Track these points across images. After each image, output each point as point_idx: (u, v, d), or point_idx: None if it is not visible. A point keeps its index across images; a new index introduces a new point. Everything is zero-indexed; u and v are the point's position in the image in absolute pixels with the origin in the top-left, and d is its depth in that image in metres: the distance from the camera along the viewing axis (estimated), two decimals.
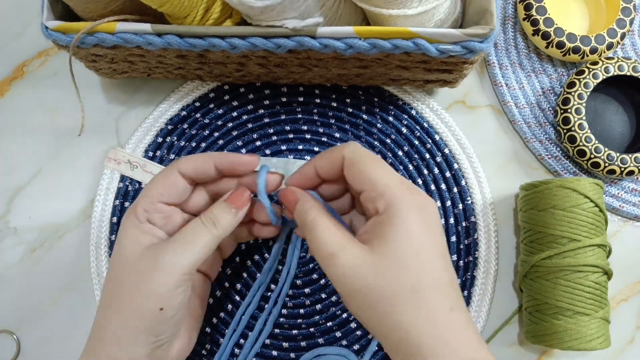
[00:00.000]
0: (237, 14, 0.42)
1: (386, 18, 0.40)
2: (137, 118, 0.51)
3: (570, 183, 0.44)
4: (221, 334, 0.47)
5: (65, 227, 0.50)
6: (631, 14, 0.49)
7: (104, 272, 0.48)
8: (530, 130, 0.51)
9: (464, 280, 0.48)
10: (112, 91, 0.52)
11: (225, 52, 0.41)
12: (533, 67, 0.52)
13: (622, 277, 0.49)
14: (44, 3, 0.41)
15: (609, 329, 0.44)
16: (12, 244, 0.50)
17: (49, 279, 0.49)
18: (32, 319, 0.49)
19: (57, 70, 0.53)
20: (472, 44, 0.39)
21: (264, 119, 0.51)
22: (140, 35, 0.40)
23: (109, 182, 0.50)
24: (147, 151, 0.50)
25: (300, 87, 0.51)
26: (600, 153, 0.48)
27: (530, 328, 0.45)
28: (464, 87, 0.52)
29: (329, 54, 0.41)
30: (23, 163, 0.51)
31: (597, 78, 0.48)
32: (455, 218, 0.49)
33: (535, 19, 0.49)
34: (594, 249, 0.43)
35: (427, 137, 0.50)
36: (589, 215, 0.43)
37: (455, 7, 0.42)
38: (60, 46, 0.42)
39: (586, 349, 0.42)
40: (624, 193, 0.50)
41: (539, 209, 0.45)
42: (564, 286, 0.43)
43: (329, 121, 0.51)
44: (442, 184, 0.49)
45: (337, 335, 0.47)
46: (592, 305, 0.43)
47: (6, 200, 0.50)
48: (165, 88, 0.51)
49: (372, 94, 0.51)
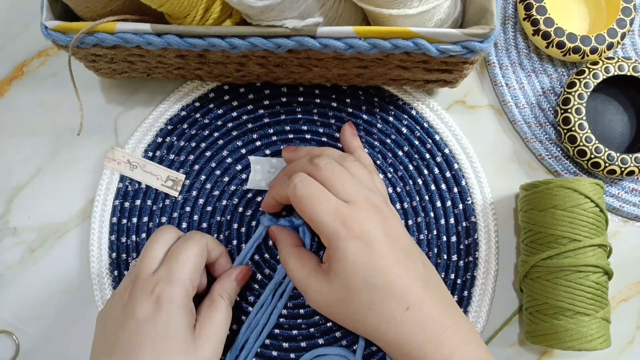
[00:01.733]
0: (237, 13, 0.42)
1: (386, 18, 0.40)
2: (137, 118, 0.51)
3: (570, 183, 0.44)
4: None
5: (65, 227, 0.50)
6: (631, 13, 0.49)
7: (104, 272, 0.48)
8: (530, 130, 0.51)
9: (464, 280, 0.48)
10: (111, 91, 0.52)
11: (225, 52, 0.41)
12: (533, 67, 0.52)
13: (622, 277, 0.49)
14: (44, 3, 0.41)
15: (609, 329, 0.44)
16: (11, 244, 0.50)
17: (48, 279, 0.49)
18: (32, 319, 0.48)
19: (57, 70, 0.53)
20: (472, 44, 0.39)
21: (264, 119, 0.51)
22: (140, 35, 0.40)
23: (108, 182, 0.50)
24: (146, 151, 0.50)
25: (300, 87, 0.51)
26: (600, 153, 0.48)
27: (530, 328, 0.45)
28: (464, 87, 0.52)
29: (329, 54, 0.41)
30: (22, 163, 0.51)
31: (598, 78, 0.48)
32: (455, 218, 0.49)
33: (536, 19, 0.49)
34: (595, 249, 0.43)
35: (427, 137, 0.50)
36: (589, 216, 0.43)
37: (455, 7, 0.42)
38: (60, 46, 0.42)
39: (587, 349, 0.42)
40: (624, 193, 0.50)
41: (540, 209, 0.45)
42: (564, 286, 0.43)
43: (329, 121, 0.50)
44: (442, 184, 0.49)
45: (337, 335, 0.47)
46: (592, 306, 0.43)
47: (6, 200, 0.50)
48: (165, 88, 0.51)
49: (372, 94, 0.51)
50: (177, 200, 0.49)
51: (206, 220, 0.49)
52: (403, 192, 0.49)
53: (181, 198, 0.49)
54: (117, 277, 0.48)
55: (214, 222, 0.49)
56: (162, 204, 0.49)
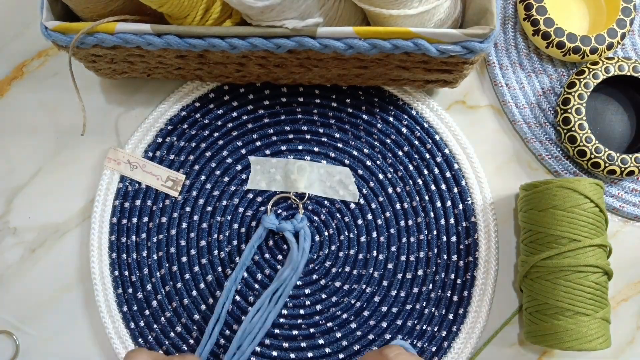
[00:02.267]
0: (237, 14, 0.42)
1: (386, 18, 0.40)
2: (137, 118, 0.51)
3: (570, 183, 0.44)
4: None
5: (65, 227, 0.50)
6: (631, 14, 0.49)
7: (104, 272, 0.48)
8: (530, 130, 0.51)
9: (464, 280, 0.48)
10: (111, 91, 0.52)
11: (225, 52, 0.41)
12: (533, 67, 0.52)
13: (622, 277, 0.49)
14: (44, 3, 0.41)
15: (609, 329, 0.44)
16: (11, 243, 0.50)
17: (48, 279, 0.49)
18: (32, 319, 0.49)
19: (57, 70, 0.52)
20: (472, 44, 0.39)
21: (264, 119, 0.51)
22: (140, 35, 0.40)
23: (108, 182, 0.50)
24: (146, 151, 0.50)
25: (300, 87, 0.51)
26: (600, 153, 0.48)
27: (530, 328, 0.45)
28: (464, 87, 0.52)
29: (329, 54, 0.41)
30: (23, 163, 0.51)
31: (598, 78, 0.48)
32: (455, 218, 0.49)
33: (536, 19, 0.49)
34: (594, 249, 0.43)
35: (427, 137, 0.50)
36: (589, 216, 0.43)
37: (455, 7, 0.42)
38: (60, 46, 0.42)
39: (587, 349, 0.42)
40: (624, 193, 0.50)
41: (539, 209, 0.45)
42: (564, 286, 0.43)
43: (329, 121, 0.50)
44: (442, 184, 0.49)
45: (337, 335, 0.47)
46: (592, 306, 0.43)
47: (6, 200, 0.50)
48: (165, 88, 0.51)
49: (372, 94, 0.51)
50: (177, 201, 0.49)
51: (206, 220, 0.49)
52: (403, 192, 0.49)
53: (181, 198, 0.49)
54: (117, 277, 0.48)
55: (214, 223, 0.49)
56: (162, 204, 0.49)
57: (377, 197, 0.49)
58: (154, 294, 0.48)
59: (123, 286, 0.48)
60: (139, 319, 0.48)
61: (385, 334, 0.47)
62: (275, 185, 0.49)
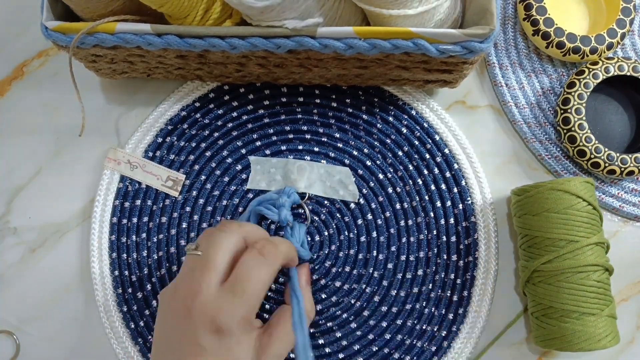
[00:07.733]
0: (237, 14, 0.42)
1: (386, 18, 0.40)
2: (137, 118, 0.51)
3: (561, 185, 0.43)
4: None
5: (65, 227, 0.50)
6: (631, 14, 0.49)
7: (104, 272, 0.48)
8: (530, 130, 0.51)
9: (464, 280, 0.48)
10: (112, 91, 0.52)
11: (225, 52, 0.41)
12: (533, 67, 0.52)
13: (622, 277, 0.49)
14: (44, 3, 0.41)
15: (616, 325, 0.44)
16: (12, 243, 0.50)
17: (48, 279, 0.49)
18: (32, 319, 0.49)
19: (57, 71, 0.53)
20: (472, 44, 0.39)
21: (264, 119, 0.51)
22: (140, 35, 0.40)
23: (108, 182, 0.50)
24: (147, 151, 0.50)
25: (300, 87, 0.51)
26: (600, 153, 0.48)
27: (538, 333, 0.45)
28: (464, 87, 0.52)
29: (328, 54, 0.41)
30: (23, 163, 0.51)
31: (597, 78, 0.48)
32: (455, 218, 0.49)
33: (535, 19, 0.49)
34: (592, 247, 0.43)
35: (427, 138, 0.50)
36: (583, 215, 0.43)
37: (455, 7, 0.42)
38: (60, 46, 0.42)
39: (597, 348, 0.42)
40: (624, 193, 0.50)
41: (533, 214, 0.44)
42: (567, 288, 0.43)
43: (329, 121, 0.51)
44: (442, 184, 0.49)
45: (337, 335, 0.47)
46: (597, 304, 0.42)
47: (6, 200, 0.50)
48: (165, 88, 0.51)
49: (372, 94, 0.51)
50: (177, 200, 0.49)
51: (206, 220, 0.49)
52: (403, 192, 0.49)
53: (181, 198, 0.49)
54: (117, 277, 0.48)
55: (214, 223, 0.49)
56: (162, 204, 0.49)
57: (377, 197, 0.49)
58: (154, 294, 0.48)
59: (123, 286, 0.48)
60: (138, 319, 0.48)
61: (385, 333, 0.47)
62: (275, 185, 0.49)
